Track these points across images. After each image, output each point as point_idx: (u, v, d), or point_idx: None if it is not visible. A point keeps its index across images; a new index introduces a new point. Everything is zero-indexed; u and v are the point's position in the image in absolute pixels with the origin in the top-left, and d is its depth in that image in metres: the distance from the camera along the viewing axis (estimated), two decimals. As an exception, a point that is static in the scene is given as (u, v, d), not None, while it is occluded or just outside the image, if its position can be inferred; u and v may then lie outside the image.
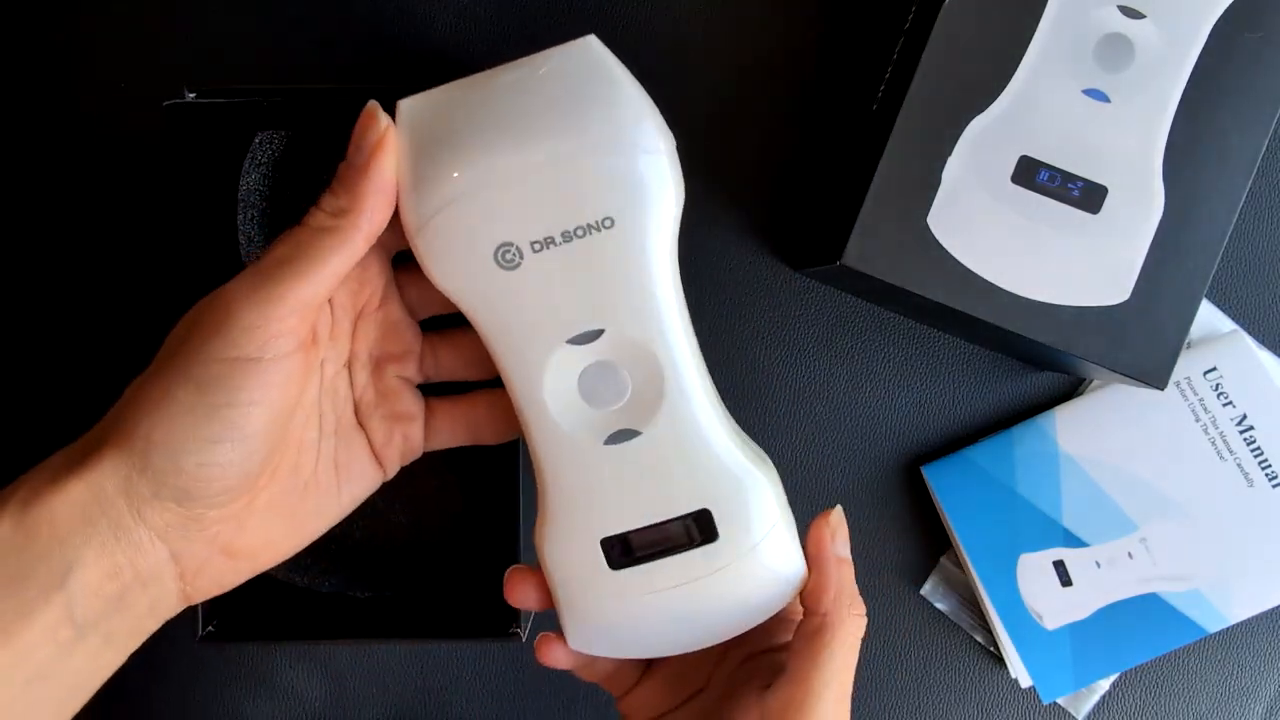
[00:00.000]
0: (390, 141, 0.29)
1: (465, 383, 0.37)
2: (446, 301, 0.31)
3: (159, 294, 0.48)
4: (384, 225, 0.30)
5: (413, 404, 0.36)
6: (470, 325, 0.32)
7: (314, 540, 0.34)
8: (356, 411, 0.35)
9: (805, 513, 0.51)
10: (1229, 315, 0.49)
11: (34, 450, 0.31)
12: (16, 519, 0.29)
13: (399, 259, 0.34)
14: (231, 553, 0.31)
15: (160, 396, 0.29)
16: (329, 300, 0.32)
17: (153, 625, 0.32)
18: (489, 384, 0.36)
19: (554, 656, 0.35)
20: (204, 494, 0.29)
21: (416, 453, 0.36)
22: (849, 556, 0.34)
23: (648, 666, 0.37)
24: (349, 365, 0.35)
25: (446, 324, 0.36)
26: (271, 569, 0.43)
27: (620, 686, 0.37)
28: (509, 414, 0.33)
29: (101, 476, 0.29)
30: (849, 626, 0.32)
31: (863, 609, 0.33)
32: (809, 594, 0.33)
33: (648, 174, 0.29)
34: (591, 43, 0.30)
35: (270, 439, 0.30)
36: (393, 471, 0.36)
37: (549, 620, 0.49)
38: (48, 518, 0.29)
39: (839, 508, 0.34)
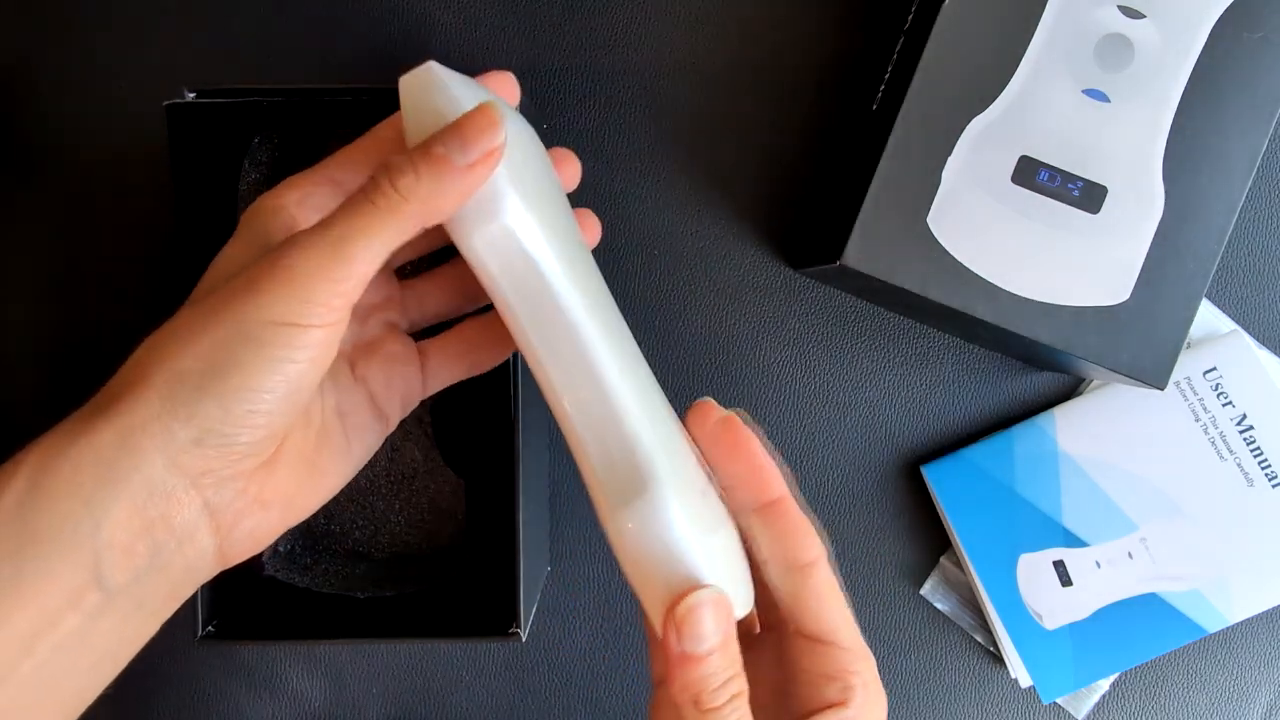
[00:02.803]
0: (499, 154, 0.29)
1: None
2: (417, 249, 0.34)
3: (159, 294, 0.48)
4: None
5: (403, 346, 0.36)
6: (448, 262, 0.36)
7: (335, 494, 0.34)
8: (353, 365, 0.35)
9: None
10: (1229, 315, 0.49)
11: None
12: (34, 479, 0.28)
13: None
14: (264, 503, 0.31)
15: (211, 349, 0.29)
16: None
17: (188, 589, 0.31)
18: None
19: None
20: (246, 439, 0.29)
21: (417, 395, 0.36)
22: (700, 652, 0.29)
23: None
24: None
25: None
26: (271, 569, 0.43)
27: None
28: (500, 334, 0.35)
29: (134, 427, 0.28)
30: None
31: (722, 704, 0.30)
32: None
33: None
34: (401, 83, 0.31)
35: (311, 390, 0.30)
36: (395, 421, 0.36)
37: (550, 619, 0.49)
38: (73, 477, 0.28)
39: (697, 594, 0.29)
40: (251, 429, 0.29)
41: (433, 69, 0.30)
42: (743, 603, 0.32)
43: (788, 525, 0.33)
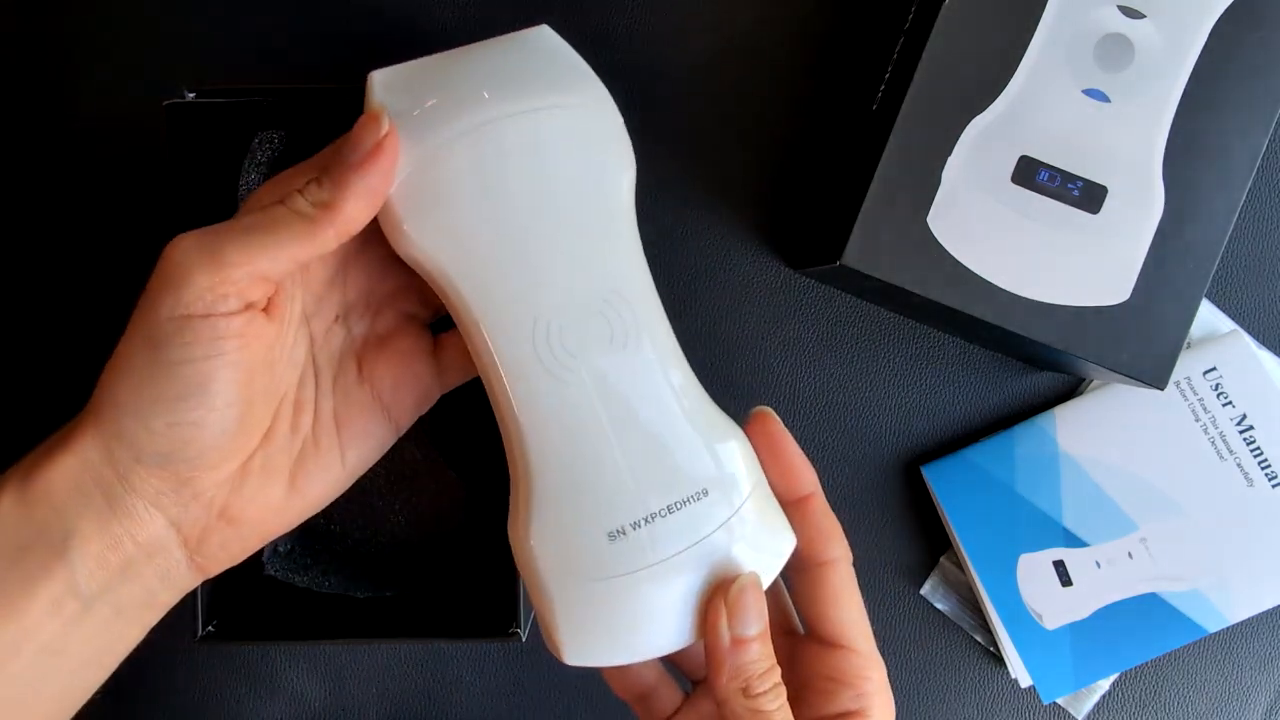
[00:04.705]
0: (389, 148, 0.29)
1: None
2: None
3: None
4: (361, 227, 0.29)
5: (417, 340, 0.35)
6: None
7: (321, 508, 0.34)
8: (360, 362, 0.34)
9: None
10: (1229, 315, 0.49)
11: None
12: (18, 494, 0.29)
13: None
14: (231, 519, 0.31)
15: (122, 361, 0.29)
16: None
17: (168, 597, 0.31)
18: None
19: None
20: (183, 454, 0.29)
21: (432, 394, 0.35)
22: (751, 635, 0.30)
23: (687, 697, 0.36)
24: (344, 318, 0.34)
25: None
26: (271, 569, 0.43)
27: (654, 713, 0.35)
28: None
29: (85, 448, 0.29)
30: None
31: (767, 690, 0.30)
32: (708, 678, 0.30)
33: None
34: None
35: (240, 394, 0.29)
36: (405, 425, 0.35)
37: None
38: (44, 490, 0.29)
39: (742, 577, 0.30)
40: (181, 443, 0.29)
41: (370, 80, 0.31)
42: (642, 647, 0.31)
43: (814, 523, 0.33)
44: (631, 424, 0.31)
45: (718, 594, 0.30)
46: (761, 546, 0.31)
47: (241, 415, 0.30)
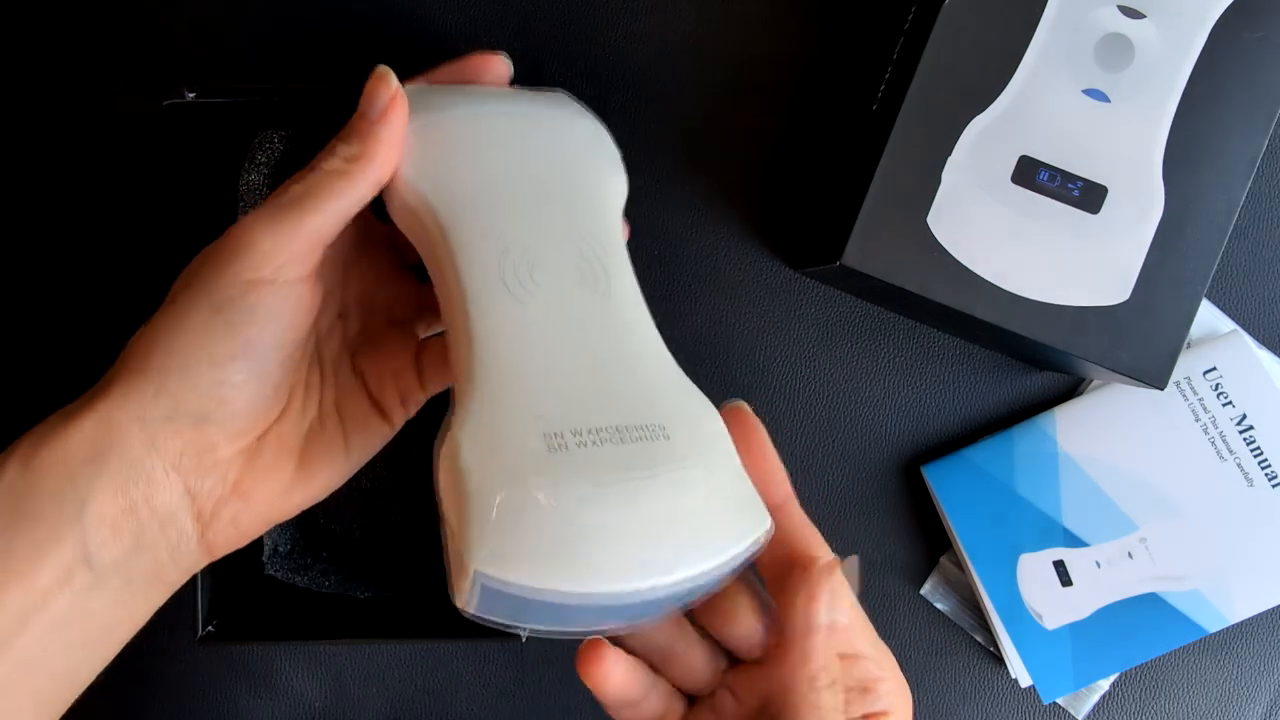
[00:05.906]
0: (401, 102, 0.32)
1: None
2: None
3: (159, 295, 0.48)
4: (389, 175, 0.32)
5: (401, 344, 0.37)
6: None
7: (324, 497, 0.34)
8: (353, 358, 0.36)
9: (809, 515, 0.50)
10: (1229, 315, 0.49)
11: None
12: (26, 460, 0.29)
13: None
14: (243, 493, 0.32)
15: (175, 322, 0.30)
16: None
17: (177, 575, 0.32)
18: None
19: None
20: (219, 415, 0.30)
21: (416, 396, 0.37)
22: (844, 620, 0.31)
23: None
24: (342, 315, 0.36)
25: None
26: (271, 569, 0.43)
27: None
28: None
29: (112, 407, 0.29)
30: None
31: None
32: (788, 666, 0.31)
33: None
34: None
35: (280, 360, 0.31)
36: (399, 421, 0.36)
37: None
38: (60, 456, 0.29)
39: (823, 559, 0.31)
40: (219, 403, 0.30)
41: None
42: (563, 574, 0.26)
43: (794, 529, 0.33)
44: (588, 348, 0.30)
45: (797, 570, 0.31)
46: (735, 511, 0.29)
47: (278, 383, 0.32)
